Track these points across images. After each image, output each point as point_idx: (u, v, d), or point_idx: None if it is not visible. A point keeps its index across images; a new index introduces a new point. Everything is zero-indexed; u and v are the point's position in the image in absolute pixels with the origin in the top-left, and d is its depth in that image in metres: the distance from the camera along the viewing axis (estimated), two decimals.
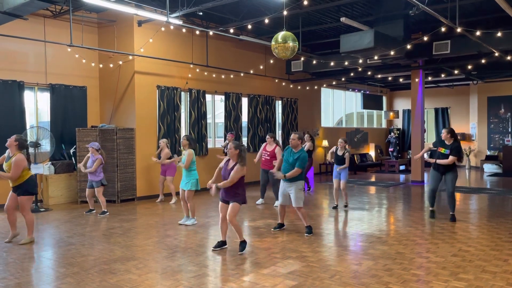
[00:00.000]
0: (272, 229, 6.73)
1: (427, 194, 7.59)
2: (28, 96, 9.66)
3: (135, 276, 4.63)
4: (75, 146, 9.78)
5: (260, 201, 9.20)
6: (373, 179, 14.20)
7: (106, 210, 8.17)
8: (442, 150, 7.21)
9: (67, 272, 4.78)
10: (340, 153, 8.44)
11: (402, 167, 17.18)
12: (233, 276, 4.61)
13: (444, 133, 7.28)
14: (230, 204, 5.42)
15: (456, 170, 7.35)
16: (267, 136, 8.98)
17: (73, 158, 9.97)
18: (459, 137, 7.51)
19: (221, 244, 5.64)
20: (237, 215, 5.58)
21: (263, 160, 8.94)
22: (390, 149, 18.56)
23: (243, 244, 5.51)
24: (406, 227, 6.90)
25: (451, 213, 7.39)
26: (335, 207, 8.61)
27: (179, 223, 7.24)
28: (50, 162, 9.62)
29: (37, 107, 9.88)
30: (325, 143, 15.66)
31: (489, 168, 16.51)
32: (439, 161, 7.21)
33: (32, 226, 5.99)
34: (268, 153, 8.86)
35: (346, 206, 8.61)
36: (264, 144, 9.10)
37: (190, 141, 7.15)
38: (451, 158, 7.09)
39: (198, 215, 7.77)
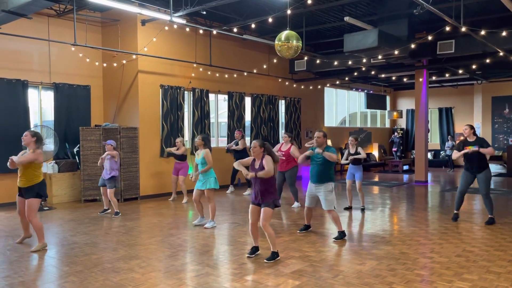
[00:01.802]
0: (298, 231, 6.59)
1: (456, 196, 7.28)
2: (32, 95, 9.69)
3: (138, 275, 4.64)
4: (78, 145, 9.80)
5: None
6: (376, 179, 14.17)
7: (118, 211, 8.02)
8: (470, 147, 6.86)
9: (71, 271, 4.79)
10: (352, 151, 8.28)
11: (405, 167, 17.13)
12: (236, 275, 4.61)
13: (467, 129, 6.94)
14: (262, 209, 5.06)
15: (490, 169, 7.04)
16: (284, 135, 8.71)
17: (76, 157, 9.99)
18: (462, 138, 7.34)
19: (255, 251, 5.30)
20: (270, 218, 5.23)
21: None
22: (394, 149, 18.52)
23: (274, 254, 5.10)
24: (409, 227, 6.88)
25: (489, 215, 7.10)
26: (348, 208, 8.47)
27: (194, 224, 7.11)
28: (54, 161, 9.64)
29: (41, 106, 9.90)
30: (328, 143, 15.62)
31: (494, 168, 16.42)
32: (482, 150, 6.74)
33: (41, 231, 5.75)
34: (283, 153, 8.55)
35: (363, 209, 8.32)
36: (279, 144, 8.88)
37: (205, 141, 6.94)
38: (490, 148, 6.76)
39: (204, 212, 7.70)
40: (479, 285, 4.24)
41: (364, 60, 11.48)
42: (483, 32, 8.89)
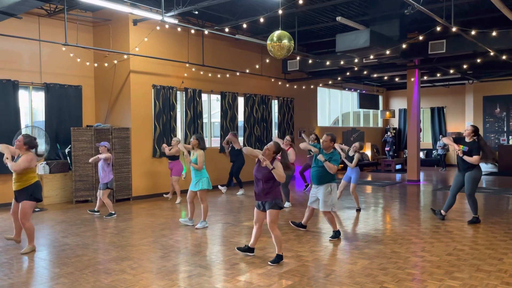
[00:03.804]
0: (291, 221, 6.74)
1: (448, 197, 7.30)
2: (23, 96, 9.61)
3: (129, 276, 4.61)
4: (70, 146, 9.73)
5: None
6: (369, 179, 14.22)
7: (113, 212, 7.96)
8: (461, 147, 6.89)
9: (61, 273, 4.76)
10: (351, 153, 8.33)
11: (398, 167, 17.22)
12: (228, 275, 4.60)
13: (469, 128, 6.92)
14: (267, 212, 5.01)
15: (478, 170, 6.96)
16: (287, 138, 8.73)
17: (68, 157, 9.92)
18: (453, 136, 7.31)
19: (247, 250, 5.31)
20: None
21: None
22: (387, 149, 18.60)
23: (279, 257, 5.02)
24: (401, 226, 6.91)
25: (473, 215, 7.10)
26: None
27: (180, 220, 7.22)
28: (45, 162, 9.57)
29: (31, 107, 9.82)
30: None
31: (485, 167, 16.57)
32: (465, 157, 6.79)
33: (33, 234, 5.73)
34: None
35: (359, 210, 8.36)
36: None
37: (199, 140, 6.88)
38: (475, 157, 6.73)
39: (195, 215, 7.67)
40: (469, 284, 4.26)
41: (356, 60, 11.51)
42: (473, 32, 8.95)
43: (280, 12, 7.34)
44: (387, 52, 9.65)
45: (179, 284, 4.36)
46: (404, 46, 9.80)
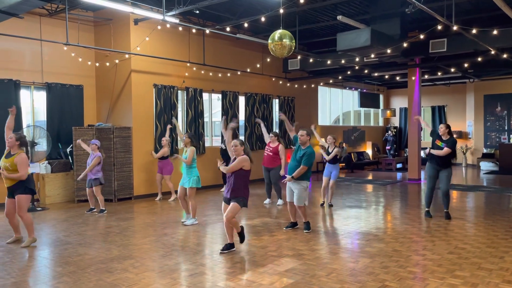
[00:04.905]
0: (284, 228, 6.68)
1: (426, 194, 7.58)
2: (24, 95, 9.62)
3: (132, 275, 4.63)
4: (71, 145, 9.75)
5: (267, 201, 9.12)
6: (370, 177, 14.23)
7: (104, 209, 8.19)
8: (439, 143, 7.27)
9: (64, 271, 4.77)
10: (330, 149, 8.48)
11: (399, 165, 17.22)
12: (230, 274, 4.62)
13: (442, 127, 7.31)
14: (231, 204, 5.36)
15: (451, 167, 7.42)
16: (271, 135, 8.85)
17: (69, 157, 9.94)
18: (455, 135, 7.55)
19: (229, 247, 5.47)
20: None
21: (265, 156, 8.89)
22: (387, 147, 18.60)
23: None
24: (403, 225, 6.92)
25: (445, 210, 7.41)
26: (322, 204, 8.66)
27: (182, 222, 7.19)
28: (47, 161, 9.59)
29: (33, 106, 9.84)
30: (322, 141, 15.67)
31: (486, 166, 16.56)
32: (433, 151, 7.23)
33: (31, 226, 5.86)
34: (271, 148, 8.74)
35: (331, 205, 8.56)
36: (268, 141, 9.00)
37: (192, 138, 7.11)
38: (446, 149, 7.12)
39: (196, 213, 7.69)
40: (470, 282, 4.28)
41: (357, 59, 11.51)
42: (474, 31, 8.94)
43: (281, 11, 7.35)
44: (388, 51, 9.64)
45: (181, 282, 4.38)
46: (405, 45, 9.79)
